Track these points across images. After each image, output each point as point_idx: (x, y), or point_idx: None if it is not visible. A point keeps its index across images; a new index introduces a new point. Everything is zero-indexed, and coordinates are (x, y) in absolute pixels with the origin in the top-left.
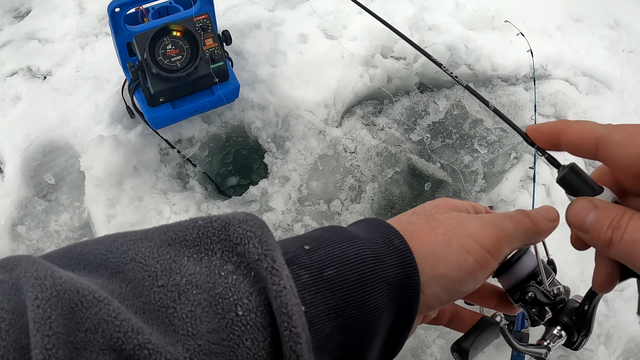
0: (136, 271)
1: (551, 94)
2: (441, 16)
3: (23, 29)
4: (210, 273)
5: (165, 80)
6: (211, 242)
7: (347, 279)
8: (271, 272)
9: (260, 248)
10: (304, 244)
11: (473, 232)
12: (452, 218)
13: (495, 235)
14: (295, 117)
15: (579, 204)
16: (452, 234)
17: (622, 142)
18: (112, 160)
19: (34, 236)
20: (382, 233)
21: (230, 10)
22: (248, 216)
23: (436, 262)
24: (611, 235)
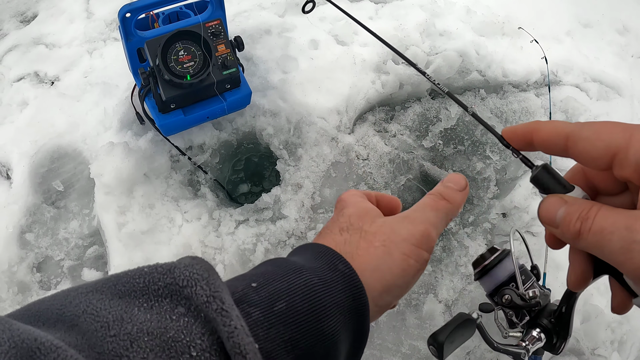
0: (89, 323)
1: (562, 100)
2: (452, 22)
3: (29, 34)
4: (161, 319)
5: (177, 87)
6: (158, 288)
7: (299, 310)
8: (221, 313)
9: (208, 290)
10: (251, 282)
11: (406, 235)
12: (381, 226)
13: (425, 230)
14: (307, 124)
15: (549, 200)
16: (389, 244)
17: (590, 136)
18: (123, 167)
19: (43, 244)
20: (325, 259)
21: (240, 15)
22: (194, 260)
23: (383, 275)
24: (580, 227)
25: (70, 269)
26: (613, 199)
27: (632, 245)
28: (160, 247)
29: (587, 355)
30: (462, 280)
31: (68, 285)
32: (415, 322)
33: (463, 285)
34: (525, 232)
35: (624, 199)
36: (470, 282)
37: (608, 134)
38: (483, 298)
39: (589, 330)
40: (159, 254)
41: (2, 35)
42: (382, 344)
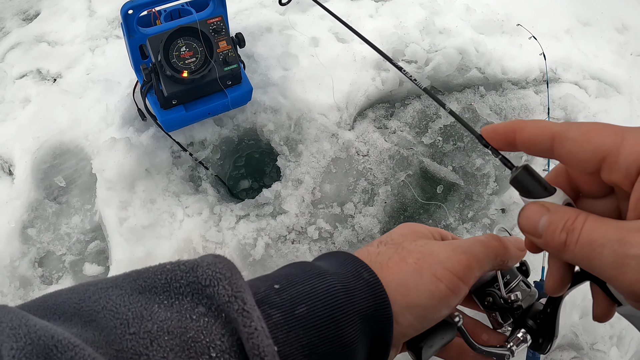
0: (108, 319)
1: (561, 97)
2: (451, 20)
3: (32, 32)
4: (182, 317)
5: (178, 83)
6: (180, 286)
7: (319, 315)
8: (242, 314)
9: (230, 290)
10: (274, 283)
11: (443, 259)
12: (421, 246)
13: (465, 261)
14: (308, 120)
15: (530, 208)
16: (422, 263)
17: (578, 138)
18: (125, 162)
19: (45, 239)
20: (351, 267)
21: (241, 13)
22: (217, 258)
23: (408, 292)
24: (566, 238)
25: (72, 264)
26: (596, 202)
27: (625, 259)
28: (161, 242)
29: (585, 350)
30: None
31: (70, 280)
32: None
33: None
34: None
35: (608, 203)
36: None
37: (597, 136)
38: None
39: (588, 325)
40: (160, 248)
41: (5, 33)
42: None
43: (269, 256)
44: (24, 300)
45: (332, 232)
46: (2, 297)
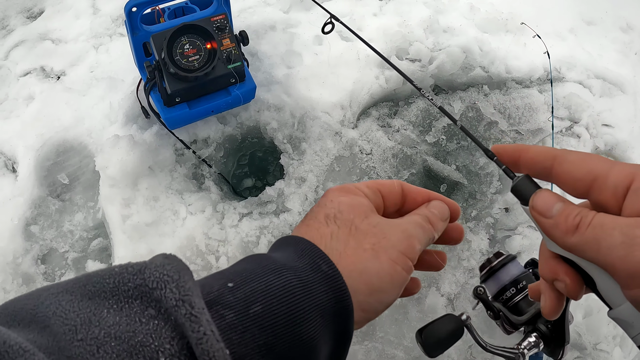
0: (59, 325)
1: (565, 97)
2: (455, 19)
3: (36, 30)
4: (131, 321)
5: (182, 80)
6: (128, 289)
7: (275, 313)
8: (190, 318)
9: (178, 293)
10: (228, 281)
11: (396, 242)
12: (374, 227)
13: (412, 243)
14: (312, 118)
15: (547, 192)
16: (378, 248)
17: (576, 160)
18: (128, 160)
19: (48, 236)
20: (308, 259)
21: (245, 11)
22: (166, 259)
23: (371, 279)
24: (579, 221)
25: (75, 261)
26: None
27: (634, 239)
28: (164, 239)
29: (589, 350)
30: (464, 274)
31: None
32: (417, 315)
33: (465, 279)
34: (527, 227)
35: None
36: (472, 276)
37: (592, 161)
38: None
39: (591, 325)
40: (163, 245)
41: (9, 31)
42: (384, 337)
43: None
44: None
45: None
46: (4, 294)
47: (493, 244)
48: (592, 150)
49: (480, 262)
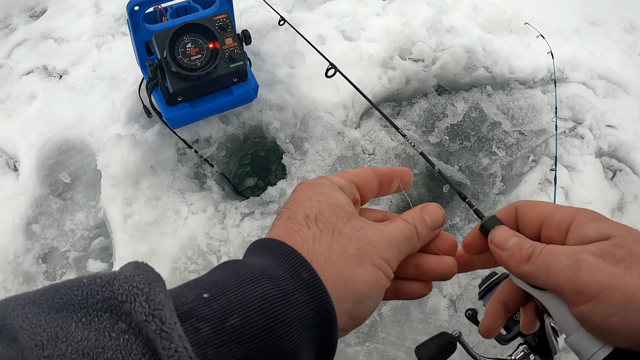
0: (25, 339)
1: (569, 97)
2: (459, 19)
3: (38, 28)
4: (100, 336)
5: (184, 79)
6: (97, 302)
7: (253, 326)
8: (160, 334)
9: (147, 307)
10: (203, 292)
11: (380, 249)
12: (358, 231)
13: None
14: (314, 118)
15: (503, 228)
16: (362, 253)
17: (532, 205)
18: (130, 159)
19: (49, 235)
20: (288, 266)
21: (248, 11)
22: (136, 270)
23: (358, 287)
24: (531, 252)
25: (76, 260)
26: None
27: (579, 262)
28: (165, 239)
29: None
30: (466, 275)
31: (74, 276)
32: (419, 316)
33: (468, 281)
34: None
35: None
36: (475, 277)
37: (543, 205)
38: None
39: None
40: (164, 245)
41: (12, 30)
42: (385, 338)
43: None
44: None
45: None
46: (5, 293)
47: None
48: (596, 151)
49: None
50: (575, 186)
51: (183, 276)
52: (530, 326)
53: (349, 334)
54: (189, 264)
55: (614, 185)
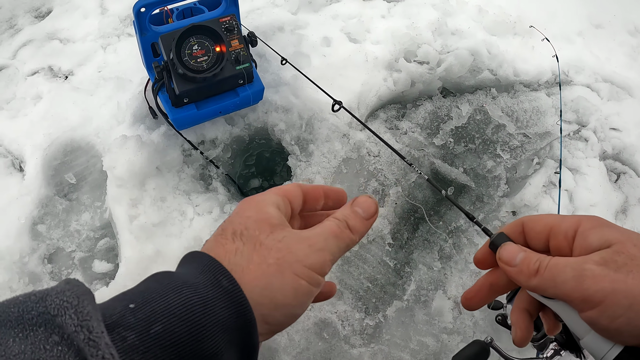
0: None
1: (573, 100)
2: (464, 21)
3: (44, 29)
4: (36, 349)
5: (190, 81)
6: (32, 317)
7: (176, 332)
8: (88, 343)
9: (76, 319)
10: (130, 302)
11: (301, 257)
12: (280, 242)
13: (322, 257)
14: (319, 120)
15: (510, 245)
16: (282, 262)
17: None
18: (136, 160)
19: (55, 235)
20: (210, 275)
21: (253, 12)
22: (67, 285)
23: (274, 294)
24: (538, 266)
25: (82, 261)
26: None
27: (583, 272)
28: (171, 240)
29: None
30: (471, 277)
31: (79, 276)
32: (424, 318)
33: (472, 282)
34: None
35: None
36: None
37: (549, 217)
38: None
39: None
40: (170, 246)
41: (17, 30)
42: (390, 340)
43: None
44: None
45: None
46: (11, 293)
47: None
48: (600, 154)
49: None
50: (580, 189)
51: None
52: (553, 329)
53: (354, 335)
54: None
55: (618, 188)
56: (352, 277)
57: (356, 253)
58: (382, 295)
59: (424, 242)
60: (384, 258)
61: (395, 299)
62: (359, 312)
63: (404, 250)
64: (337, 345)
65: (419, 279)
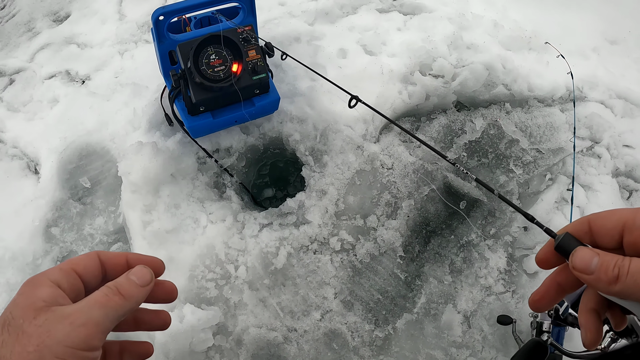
0: None
1: (587, 116)
2: (479, 35)
3: (62, 33)
4: None
5: (207, 90)
6: None
7: None
8: None
9: None
10: None
11: (62, 337)
12: (40, 327)
13: (84, 332)
14: (334, 132)
15: (582, 250)
16: (42, 348)
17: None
18: (151, 166)
19: (68, 238)
20: None
21: (270, 22)
22: None
23: None
24: (618, 272)
25: None
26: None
27: None
28: (184, 247)
29: None
30: (481, 291)
31: None
32: (433, 331)
33: (482, 297)
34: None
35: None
36: (489, 293)
37: (619, 211)
38: (502, 310)
39: None
40: (183, 253)
41: (35, 34)
42: (399, 352)
43: (291, 265)
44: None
45: (354, 244)
46: None
47: (511, 263)
48: (613, 171)
49: (497, 280)
50: (592, 206)
51: (200, 284)
52: (621, 324)
53: (363, 346)
54: (207, 273)
55: (630, 205)
56: (363, 288)
57: (367, 265)
58: (392, 308)
59: (435, 255)
60: (395, 270)
61: (405, 311)
62: (369, 324)
63: (415, 263)
64: (346, 356)
65: (429, 292)
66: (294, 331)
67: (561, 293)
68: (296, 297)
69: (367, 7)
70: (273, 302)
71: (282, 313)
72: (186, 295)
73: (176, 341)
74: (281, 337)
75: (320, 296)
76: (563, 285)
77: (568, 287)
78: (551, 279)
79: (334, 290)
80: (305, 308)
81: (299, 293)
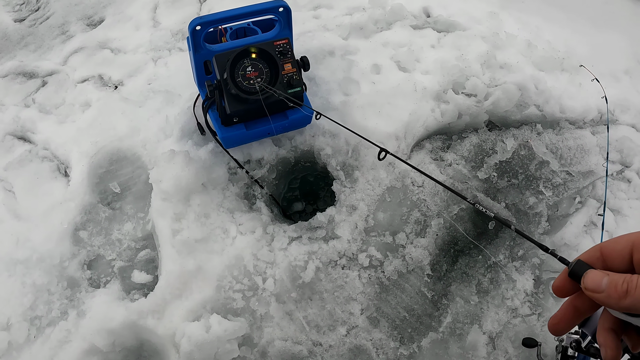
0: None
1: (617, 140)
2: (513, 55)
3: (96, 37)
4: None
5: (242, 102)
6: None
7: None
8: None
9: None
10: None
11: None
12: None
13: None
14: (366, 147)
15: (593, 272)
16: None
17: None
18: (182, 175)
19: (96, 242)
20: None
21: (304, 35)
22: None
23: None
24: (627, 287)
25: (121, 270)
26: None
27: None
28: (212, 257)
29: None
30: (507, 313)
31: (117, 285)
32: (458, 351)
33: (508, 319)
34: None
35: None
36: (515, 315)
37: (628, 234)
38: (527, 333)
39: None
40: (211, 263)
41: (69, 37)
42: None
43: (319, 280)
44: (70, 301)
45: (383, 261)
46: (49, 296)
47: (538, 285)
48: None
49: (523, 302)
50: (620, 230)
51: (228, 295)
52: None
53: None
54: (234, 284)
55: None
56: (389, 305)
57: (395, 282)
58: (418, 326)
59: (463, 275)
60: (422, 289)
61: (431, 330)
62: (394, 341)
63: (442, 282)
64: None
65: (455, 312)
66: (319, 345)
67: (579, 316)
68: (323, 312)
69: (401, 23)
70: (299, 315)
71: (308, 327)
72: (213, 305)
73: (202, 351)
74: (306, 351)
75: (346, 311)
76: (579, 308)
77: (584, 310)
78: (568, 303)
79: (360, 306)
80: (331, 323)
81: (325, 308)
